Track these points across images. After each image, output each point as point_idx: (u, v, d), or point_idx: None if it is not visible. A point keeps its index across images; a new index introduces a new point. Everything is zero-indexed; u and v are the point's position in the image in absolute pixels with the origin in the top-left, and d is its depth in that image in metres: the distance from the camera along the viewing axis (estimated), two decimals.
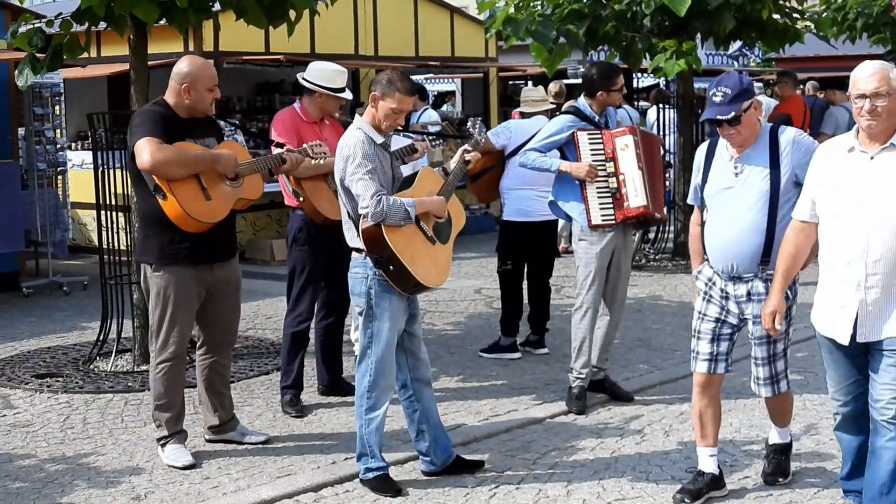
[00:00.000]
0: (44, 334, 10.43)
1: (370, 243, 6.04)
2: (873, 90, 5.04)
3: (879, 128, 5.08)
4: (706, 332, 6.03)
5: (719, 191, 5.89)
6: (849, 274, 5.14)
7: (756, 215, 5.76)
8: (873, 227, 5.05)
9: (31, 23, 9.18)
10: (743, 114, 5.72)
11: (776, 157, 5.79)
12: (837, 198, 5.19)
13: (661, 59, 12.38)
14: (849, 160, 5.19)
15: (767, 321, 5.58)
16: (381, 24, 16.96)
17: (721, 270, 5.91)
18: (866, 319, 5.14)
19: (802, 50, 18.05)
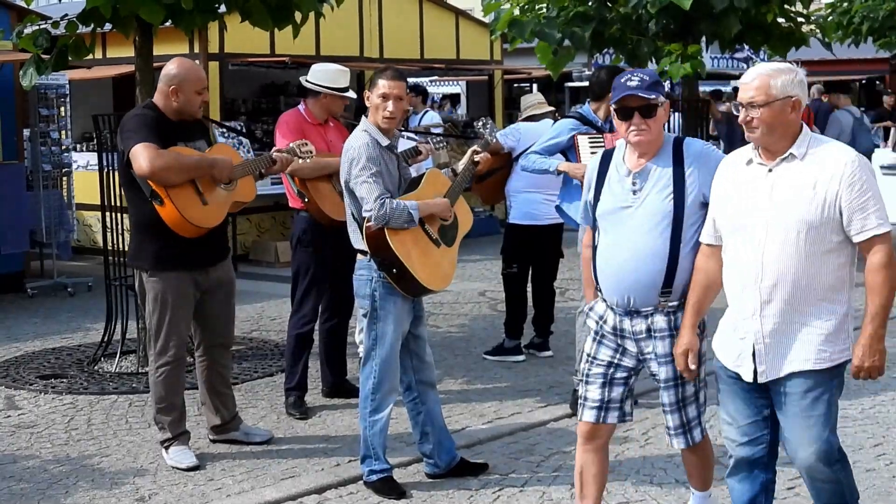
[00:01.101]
0: (48, 335, 10.44)
1: (373, 246, 6.04)
2: (748, 100, 4.54)
3: (767, 140, 4.57)
4: (596, 377, 5.21)
5: (614, 210, 5.09)
6: (744, 301, 4.64)
7: (656, 240, 4.98)
8: (767, 249, 4.54)
9: (36, 24, 9.20)
10: (659, 105, 5.02)
11: (681, 172, 5.03)
12: (732, 215, 4.70)
13: (666, 62, 12.37)
14: (747, 173, 4.68)
15: (681, 362, 4.98)
16: (387, 26, 16.97)
17: (615, 304, 5.10)
18: (765, 354, 4.62)
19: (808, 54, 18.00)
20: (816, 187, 4.49)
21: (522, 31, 12.82)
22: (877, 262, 4.51)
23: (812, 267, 4.51)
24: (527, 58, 18.05)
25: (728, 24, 12.49)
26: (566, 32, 12.75)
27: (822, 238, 4.50)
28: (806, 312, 4.55)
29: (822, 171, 4.51)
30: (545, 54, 13.17)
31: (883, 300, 4.51)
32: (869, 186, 4.51)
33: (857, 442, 7.00)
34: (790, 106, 4.54)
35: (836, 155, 4.55)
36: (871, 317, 4.52)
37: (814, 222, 4.48)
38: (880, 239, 4.51)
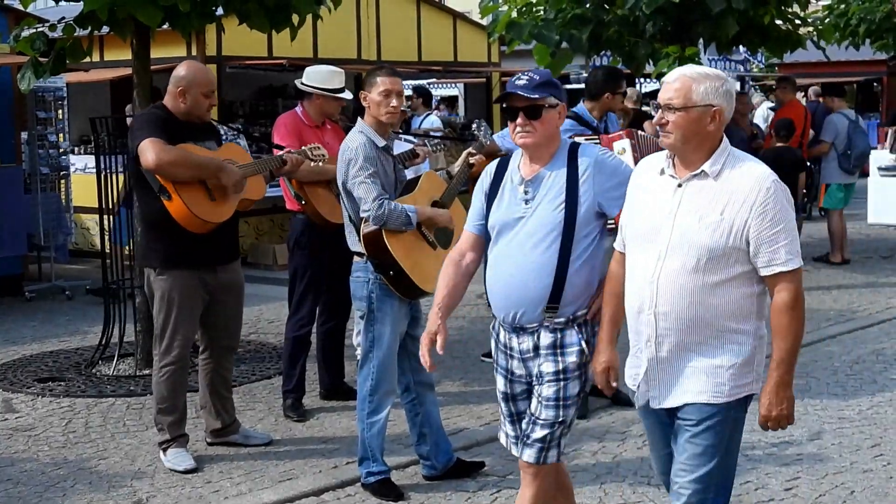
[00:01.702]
0: (46, 338, 10.43)
1: (370, 248, 6.04)
2: (665, 100, 4.16)
3: (680, 149, 4.20)
4: (505, 413, 4.97)
5: (506, 221, 4.75)
6: (640, 324, 4.31)
7: (544, 253, 4.65)
8: (664, 272, 4.18)
9: (34, 27, 9.19)
10: (545, 108, 4.66)
11: (574, 180, 4.68)
12: (634, 228, 4.36)
13: (663, 64, 12.37)
14: (657, 184, 4.30)
15: (601, 380, 4.60)
16: (384, 28, 16.98)
17: (503, 320, 4.80)
18: (658, 381, 4.30)
19: (805, 56, 18.04)
20: (725, 212, 4.10)
21: (520, 33, 12.84)
22: (782, 302, 4.13)
23: (713, 296, 4.15)
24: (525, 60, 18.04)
25: (725, 26, 12.52)
26: (564, 34, 12.78)
27: (726, 267, 4.13)
28: (705, 343, 4.19)
29: (733, 194, 4.11)
30: (543, 56, 13.19)
31: (789, 344, 4.13)
32: (782, 217, 4.10)
33: (855, 443, 7.01)
34: (710, 116, 4.14)
35: (750, 179, 4.11)
36: (777, 363, 4.15)
37: (716, 250, 4.10)
38: (788, 276, 4.12)
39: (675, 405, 4.29)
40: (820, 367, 8.93)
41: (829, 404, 7.86)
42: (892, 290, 12.15)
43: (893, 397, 8.00)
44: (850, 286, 12.49)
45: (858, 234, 16.44)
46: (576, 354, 4.70)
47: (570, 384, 4.69)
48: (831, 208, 14.18)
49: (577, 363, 4.69)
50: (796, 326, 4.15)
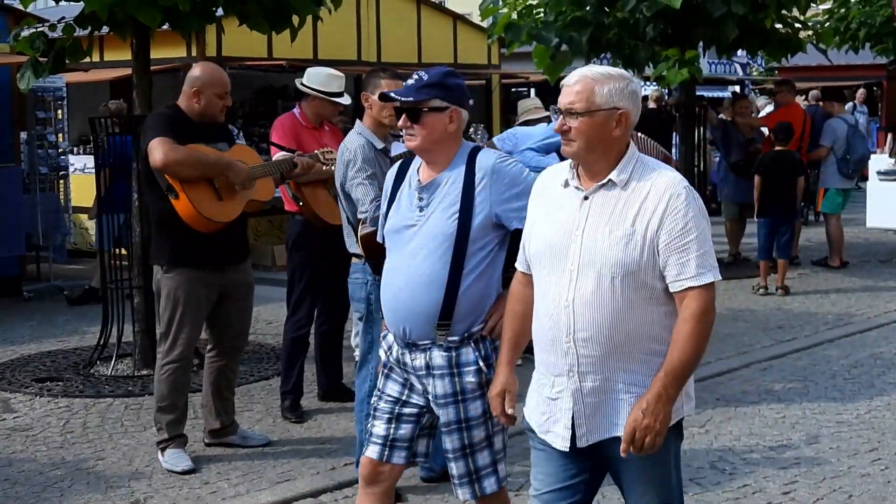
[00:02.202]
0: (44, 338, 10.43)
1: (368, 249, 6.03)
2: (566, 105, 3.79)
3: (585, 157, 3.83)
4: (383, 412, 4.61)
5: (399, 229, 4.51)
6: (556, 355, 3.87)
7: (434, 264, 4.37)
8: (579, 295, 3.77)
9: (33, 27, 9.19)
10: (425, 110, 4.41)
11: (470, 188, 4.41)
12: (539, 247, 3.93)
13: (663, 67, 12.38)
14: (562, 198, 3.90)
15: (495, 405, 4.17)
16: (384, 30, 16.98)
17: (395, 334, 4.54)
18: (585, 417, 3.85)
19: (805, 59, 18.04)
20: (636, 223, 3.73)
21: (519, 35, 12.84)
22: (687, 312, 3.74)
23: (634, 317, 3.76)
24: (524, 62, 18.07)
25: (725, 30, 12.52)
26: (563, 37, 12.77)
27: (643, 284, 3.75)
28: (631, 369, 3.80)
29: (643, 203, 3.75)
30: (542, 58, 13.19)
31: (684, 356, 3.73)
32: (694, 225, 3.73)
33: (853, 447, 7.01)
34: (616, 119, 3.79)
35: (660, 186, 3.76)
36: (665, 373, 3.71)
37: (630, 266, 3.72)
38: (698, 291, 3.74)
39: (604, 438, 3.86)
40: (818, 370, 8.93)
41: (827, 408, 7.86)
42: (890, 294, 12.15)
43: (892, 401, 8.00)
44: (849, 290, 12.49)
45: (857, 238, 16.45)
46: (473, 374, 4.41)
47: (470, 405, 4.39)
48: (829, 212, 14.18)
49: (475, 383, 4.39)
50: (696, 341, 3.73)
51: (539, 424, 4.00)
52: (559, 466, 4.00)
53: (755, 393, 8.26)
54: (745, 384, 8.52)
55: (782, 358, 9.34)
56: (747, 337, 10.11)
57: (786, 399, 8.09)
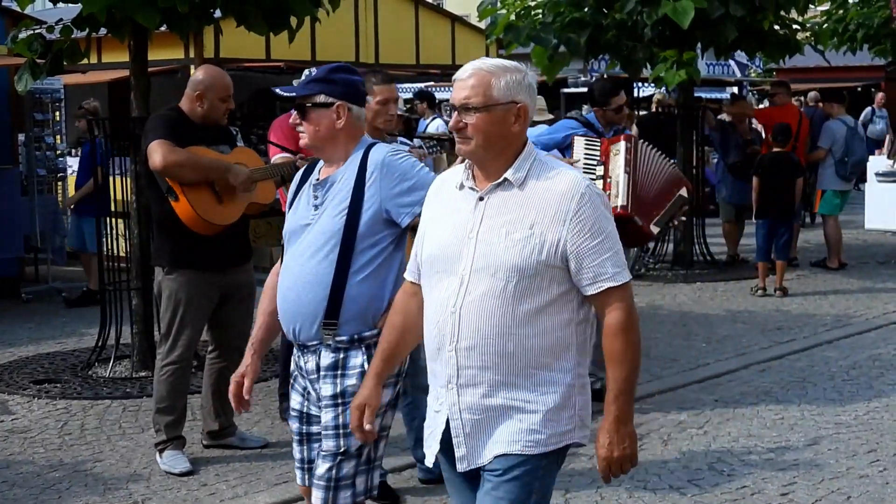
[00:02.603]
0: (42, 340, 10.42)
1: None
2: (461, 100, 3.57)
3: (482, 156, 3.59)
4: (294, 431, 4.48)
5: (295, 229, 4.40)
6: (440, 364, 3.65)
7: (320, 263, 4.25)
8: (467, 301, 3.54)
9: (31, 28, 9.19)
10: (310, 106, 4.33)
11: (360, 185, 4.28)
12: (430, 252, 3.70)
13: (661, 68, 12.39)
14: (456, 200, 3.68)
15: (354, 417, 3.95)
16: (382, 31, 17.00)
17: (288, 335, 4.41)
18: (464, 435, 3.60)
19: (803, 61, 18.06)
20: (534, 226, 3.50)
21: (518, 36, 12.85)
22: (615, 323, 3.53)
23: (524, 327, 3.52)
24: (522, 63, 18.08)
25: (724, 31, 12.52)
26: (562, 38, 12.77)
27: (539, 290, 3.52)
28: (516, 384, 3.55)
29: (543, 204, 3.52)
30: (541, 59, 13.20)
31: (627, 372, 3.54)
32: (604, 225, 3.54)
33: (851, 448, 7.00)
34: (514, 114, 3.58)
35: (561, 186, 3.53)
36: (616, 394, 3.54)
37: (527, 270, 3.49)
38: (618, 293, 3.53)
39: (486, 460, 3.59)
40: (817, 372, 8.93)
41: (825, 410, 7.86)
42: (888, 296, 12.15)
43: (890, 403, 8.00)
44: (847, 291, 12.49)
45: (855, 240, 16.45)
46: (357, 377, 4.20)
47: (349, 409, 4.07)
48: (827, 214, 14.18)
49: (358, 387, 4.10)
50: (633, 351, 3.55)
51: (426, 439, 3.78)
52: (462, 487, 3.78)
53: (753, 394, 8.26)
54: (743, 385, 8.52)
55: (781, 359, 9.34)
56: (745, 338, 10.10)
57: (784, 400, 8.09)
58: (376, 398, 3.94)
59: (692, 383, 8.56)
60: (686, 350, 9.63)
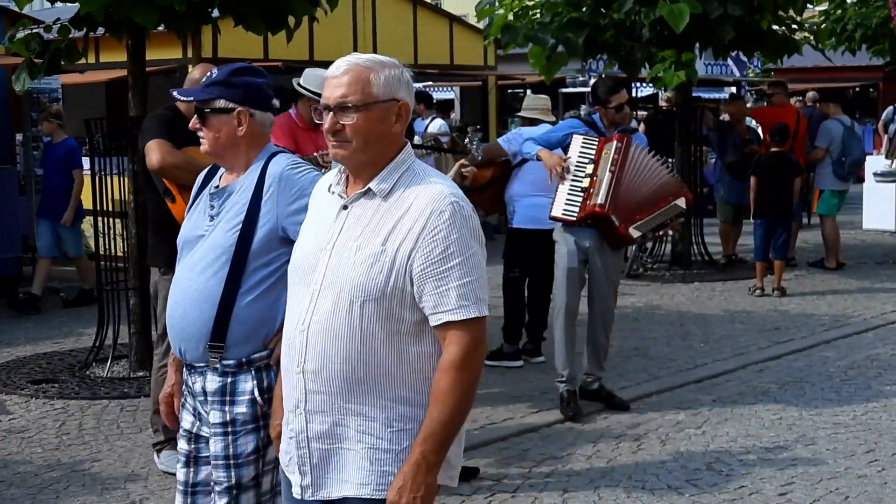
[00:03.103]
0: (40, 340, 10.41)
1: None
2: (337, 99, 3.24)
3: (360, 159, 3.28)
4: (182, 453, 4.12)
5: (188, 239, 4.08)
6: (288, 386, 3.37)
7: (209, 280, 3.91)
8: (314, 320, 3.25)
9: (29, 28, 9.18)
10: (209, 111, 4.03)
11: (258, 198, 3.95)
12: (295, 262, 3.43)
13: (659, 69, 12.38)
14: (327, 206, 3.39)
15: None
16: (380, 31, 16.97)
17: (176, 354, 4.11)
18: (309, 464, 3.31)
19: (801, 61, 18.05)
20: (388, 242, 3.19)
21: (516, 36, 12.85)
22: (446, 359, 3.16)
23: (375, 354, 3.20)
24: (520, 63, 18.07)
25: (722, 32, 12.52)
26: (560, 38, 12.77)
27: (390, 316, 3.19)
28: (368, 416, 3.23)
29: (401, 219, 3.20)
30: (538, 59, 13.20)
31: (446, 414, 3.15)
32: (458, 249, 3.16)
33: (849, 448, 7.00)
34: (395, 113, 3.28)
35: (423, 199, 3.19)
36: (425, 436, 3.15)
37: (373, 292, 3.17)
38: (459, 328, 3.15)
39: (334, 497, 3.30)
40: (815, 372, 8.93)
41: (823, 409, 7.86)
42: (886, 296, 12.15)
43: (888, 403, 8.00)
44: (845, 291, 12.49)
45: (853, 240, 16.45)
46: (247, 405, 3.89)
47: (240, 439, 3.87)
48: (825, 214, 14.18)
49: (248, 414, 3.87)
50: (459, 393, 3.15)
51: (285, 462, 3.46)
52: None
53: (751, 394, 8.26)
54: (741, 385, 8.52)
55: (779, 359, 9.34)
56: (743, 338, 10.10)
57: (782, 400, 8.09)
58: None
59: (690, 383, 8.56)
60: (684, 350, 9.63)
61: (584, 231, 7.65)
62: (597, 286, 7.80)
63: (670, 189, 7.77)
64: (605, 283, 7.81)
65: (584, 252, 7.68)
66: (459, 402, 3.16)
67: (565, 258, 7.69)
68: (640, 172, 7.66)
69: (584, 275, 7.78)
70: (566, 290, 7.71)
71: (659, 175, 7.76)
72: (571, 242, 7.67)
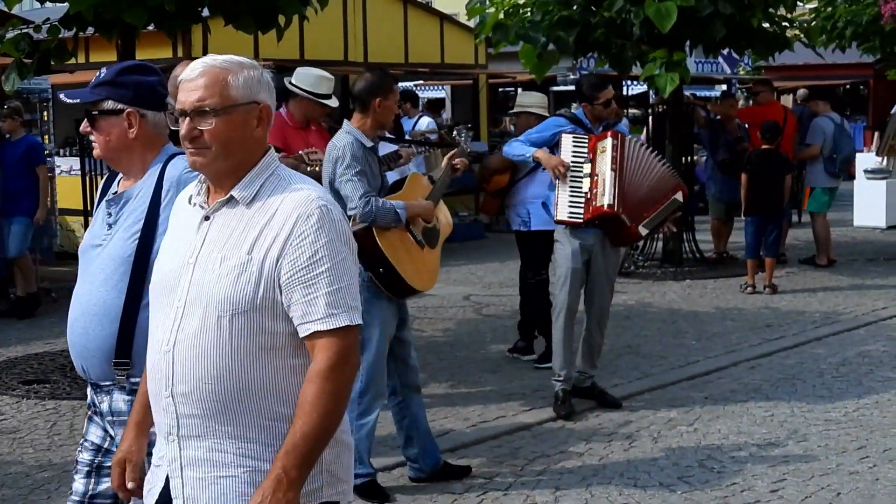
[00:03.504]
0: (31, 340, 10.39)
1: (360, 246, 6.01)
2: (194, 103, 3.04)
3: (220, 167, 3.07)
4: (83, 464, 3.88)
5: (88, 248, 3.83)
6: (159, 412, 3.14)
7: (109, 293, 3.69)
8: (180, 339, 3.04)
9: (18, 28, 9.17)
10: (99, 114, 3.77)
11: (156, 204, 3.73)
12: (156, 279, 3.22)
13: (651, 69, 12.37)
14: (188, 217, 3.19)
15: (113, 476, 3.43)
16: (371, 30, 16.97)
17: (79, 372, 3.85)
18: (183, 497, 3.07)
19: (792, 58, 18.08)
20: (254, 251, 3.00)
21: (507, 35, 12.85)
22: (314, 368, 2.97)
23: (248, 370, 3.00)
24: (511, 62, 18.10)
25: (713, 29, 12.53)
26: (551, 36, 12.77)
27: (262, 328, 3.00)
28: (247, 438, 3.02)
29: (267, 227, 3.02)
30: (529, 58, 13.20)
31: (310, 426, 2.93)
32: (327, 254, 3.00)
33: (841, 445, 7.01)
34: (257, 116, 3.10)
35: (289, 204, 3.02)
36: (287, 449, 2.92)
37: (242, 305, 2.98)
38: (328, 339, 2.98)
39: None
40: (806, 369, 8.94)
41: (815, 406, 7.87)
42: (877, 293, 12.17)
43: (879, 399, 8.01)
44: (836, 288, 12.51)
45: (844, 237, 16.48)
46: None
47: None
48: (816, 211, 14.20)
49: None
50: (325, 405, 2.94)
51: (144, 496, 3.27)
52: None
53: (743, 391, 8.27)
54: (733, 383, 8.53)
55: (770, 356, 9.35)
56: (735, 335, 10.11)
57: (774, 397, 8.10)
58: (138, 452, 3.41)
59: (682, 381, 8.57)
60: (676, 347, 9.63)
61: (589, 231, 7.62)
62: (596, 285, 7.78)
63: (669, 184, 7.80)
64: (604, 282, 7.81)
65: (587, 252, 7.66)
66: (325, 415, 2.94)
67: (569, 259, 7.65)
68: (640, 168, 7.67)
69: (584, 275, 7.75)
70: (569, 291, 7.68)
71: (657, 170, 7.77)
72: (576, 243, 7.63)
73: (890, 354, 9.35)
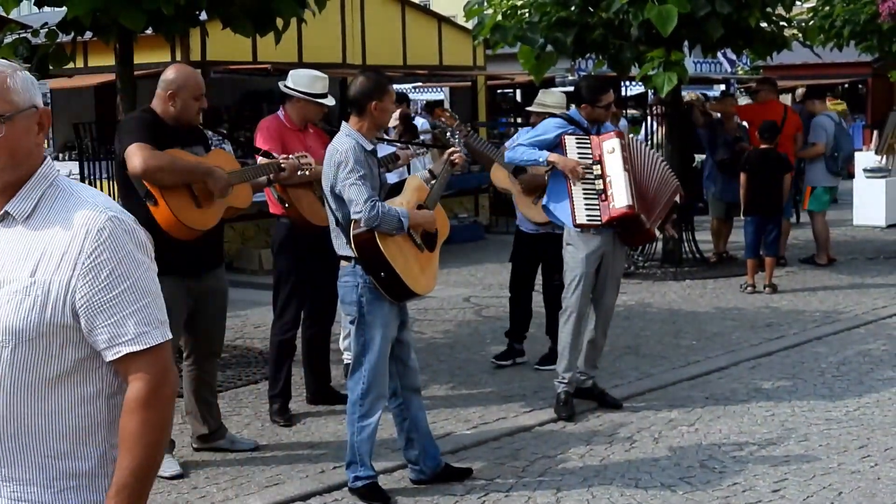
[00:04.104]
0: None
1: (362, 250, 6.03)
2: None
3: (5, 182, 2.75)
4: None
5: None
6: None
7: None
8: None
9: (16, 33, 9.17)
10: None
11: None
12: None
13: (648, 67, 12.37)
14: None
15: None
16: (369, 32, 16.96)
17: None
18: None
19: (790, 57, 18.07)
20: (38, 273, 2.70)
21: (505, 36, 12.86)
22: (131, 397, 2.74)
23: (33, 404, 2.73)
24: (510, 63, 18.09)
25: (710, 29, 12.53)
26: (549, 37, 12.77)
27: (50, 357, 2.72)
28: (27, 480, 2.76)
29: (51, 245, 2.71)
30: (528, 59, 13.21)
31: (137, 461, 2.73)
32: (125, 271, 2.74)
33: (842, 444, 7.01)
34: (37, 122, 2.81)
35: (74, 220, 2.72)
36: (118, 488, 2.71)
37: (28, 332, 2.69)
38: (143, 359, 2.76)
39: None
40: (807, 368, 8.93)
41: (816, 405, 7.86)
42: (877, 291, 12.17)
43: (880, 398, 8.01)
44: (836, 287, 12.50)
45: (844, 236, 16.48)
46: None
47: None
48: (816, 210, 14.19)
49: None
50: (150, 435, 2.75)
51: None
52: None
53: (744, 391, 8.26)
54: (733, 382, 8.52)
55: (771, 356, 9.34)
56: (735, 335, 10.11)
57: (775, 397, 8.09)
58: None
59: (682, 381, 8.56)
60: (676, 347, 9.63)
61: (602, 233, 7.60)
62: (605, 286, 7.77)
63: (671, 184, 7.83)
64: (612, 283, 7.81)
65: (600, 256, 7.65)
66: (151, 445, 2.75)
67: (583, 263, 7.62)
68: (648, 169, 7.71)
69: (594, 278, 7.73)
70: (579, 296, 7.64)
71: (660, 170, 7.80)
72: (591, 246, 7.61)
73: (890, 353, 9.35)
